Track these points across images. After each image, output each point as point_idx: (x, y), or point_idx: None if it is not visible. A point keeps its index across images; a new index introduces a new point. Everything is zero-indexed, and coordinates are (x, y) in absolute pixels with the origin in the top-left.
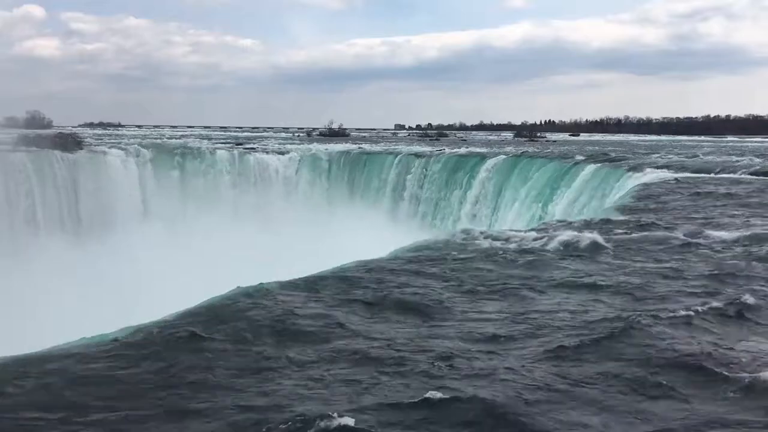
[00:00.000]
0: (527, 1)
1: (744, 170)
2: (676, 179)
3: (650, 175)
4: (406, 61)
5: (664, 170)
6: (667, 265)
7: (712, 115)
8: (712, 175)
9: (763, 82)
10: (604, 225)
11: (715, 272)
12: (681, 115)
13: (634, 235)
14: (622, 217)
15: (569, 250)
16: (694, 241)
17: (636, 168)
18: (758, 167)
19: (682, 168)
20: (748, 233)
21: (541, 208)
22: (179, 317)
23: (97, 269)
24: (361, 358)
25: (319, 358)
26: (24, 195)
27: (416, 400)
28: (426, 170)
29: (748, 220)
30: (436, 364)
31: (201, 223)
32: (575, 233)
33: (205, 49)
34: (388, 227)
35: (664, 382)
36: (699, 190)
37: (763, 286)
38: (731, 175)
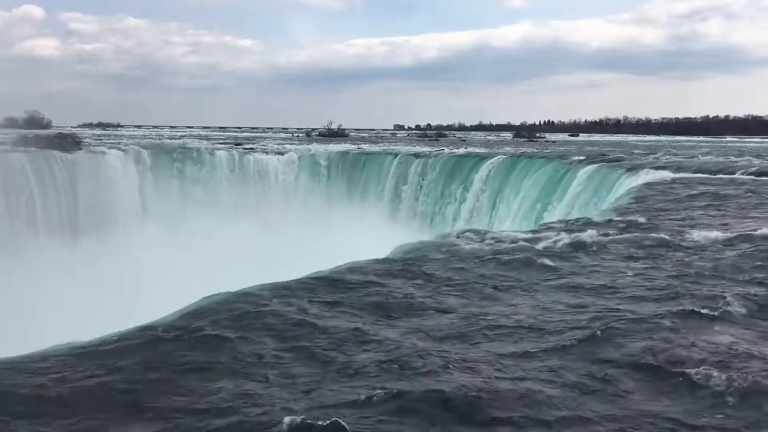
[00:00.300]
0: (527, 1)
1: (742, 171)
2: (672, 180)
3: (644, 177)
4: (405, 62)
5: (661, 171)
6: (642, 266)
7: (711, 116)
8: (707, 175)
9: (762, 82)
10: (587, 227)
11: (687, 273)
12: (680, 116)
13: (616, 236)
14: (610, 219)
15: (547, 251)
16: (674, 242)
17: (632, 170)
18: (756, 168)
19: (679, 169)
20: (731, 235)
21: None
22: (146, 326)
23: (97, 269)
24: (319, 360)
25: (275, 359)
26: (23, 195)
27: (363, 397)
28: (422, 179)
29: (726, 222)
30: (388, 362)
31: (200, 224)
32: (557, 235)
33: (205, 49)
34: (388, 227)
35: (611, 379)
36: (693, 192)
37: (733, 286)
38: (729, 176)
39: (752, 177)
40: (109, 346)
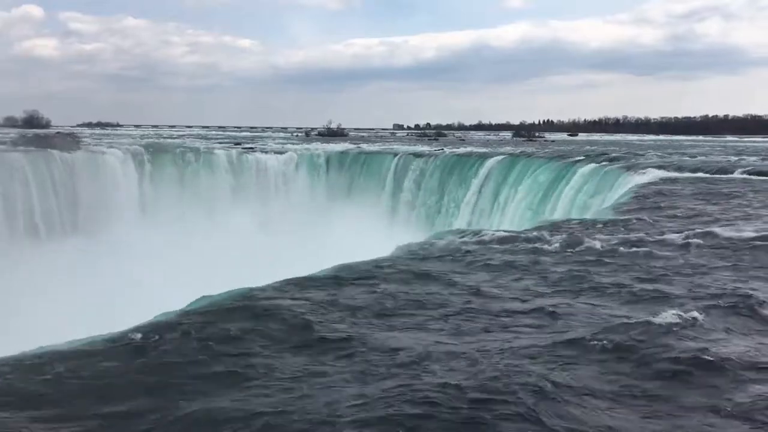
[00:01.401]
0: (525, 1)
1: (741, 170)
2: (672, 179)
3: (644, 176)
4: (404, 61)
5: (661, 170)
6: (638, 265)
7: (710, 115)
8: (702, 174)
9: (761, 82)
10: (586, 226)
11: (685, 272)
12: (679, 115)
13: (613, 236)
14: (608, 218)
15: (545, 251)
16: (674, 242)
17: (631, 169)
18: (751, 168)
19: (679, 168)
20: (726, 233)
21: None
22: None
23: (96, 269)
24: (312, 361)
25: (267, 360)
26: (22, 195)
27: (352, 399)
28: (422, 179)
29: (721, 222)
30: (382, 363)
31: (200, 223)
32: (555, 234)
33: (204, 49)
34: (387, 227)
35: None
36: (694, 192)
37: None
38: (727, 176)
39: (751, 176)
40: (102, 347)
